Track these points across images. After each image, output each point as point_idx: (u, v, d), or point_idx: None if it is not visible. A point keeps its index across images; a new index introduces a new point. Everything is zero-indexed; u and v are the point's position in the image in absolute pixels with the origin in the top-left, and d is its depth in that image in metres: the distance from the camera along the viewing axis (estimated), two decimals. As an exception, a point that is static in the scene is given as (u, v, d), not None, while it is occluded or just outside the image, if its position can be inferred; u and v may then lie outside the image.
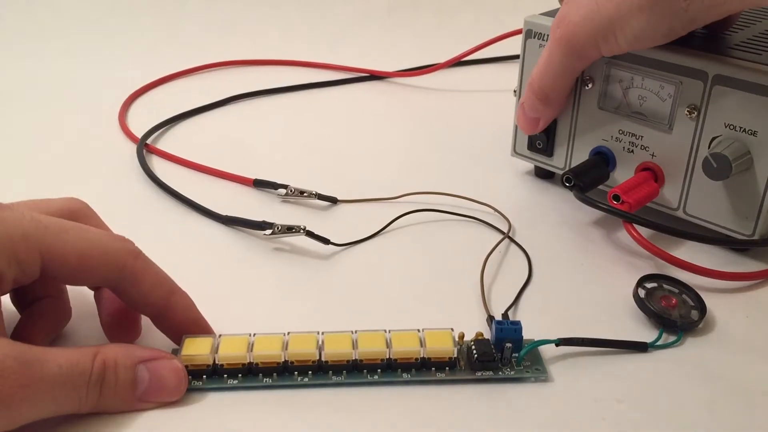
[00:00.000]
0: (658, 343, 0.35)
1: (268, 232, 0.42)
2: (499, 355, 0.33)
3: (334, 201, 0.47)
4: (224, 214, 0.45)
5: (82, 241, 0.27)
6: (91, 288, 0.34)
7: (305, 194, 0.47)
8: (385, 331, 0.33)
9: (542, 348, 0.34)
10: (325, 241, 0.42)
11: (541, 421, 0.30)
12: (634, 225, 0.41)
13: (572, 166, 0.46)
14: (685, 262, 0.39)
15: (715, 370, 0.33)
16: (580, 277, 0.40)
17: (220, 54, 0.74)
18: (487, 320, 0.36)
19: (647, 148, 0.43)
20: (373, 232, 0.44)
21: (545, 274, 0.41)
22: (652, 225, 0.41)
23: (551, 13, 0.47)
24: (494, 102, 0.64)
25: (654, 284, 0.37)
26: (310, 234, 0.42)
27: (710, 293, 0.39)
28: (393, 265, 0.41)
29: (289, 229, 0.42)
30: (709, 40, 0.42)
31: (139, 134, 0.56)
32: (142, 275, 0.30)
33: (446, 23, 0.86)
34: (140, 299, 0.31)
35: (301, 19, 0.87)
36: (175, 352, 0.32)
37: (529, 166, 0.51)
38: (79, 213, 0.32)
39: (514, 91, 0.48)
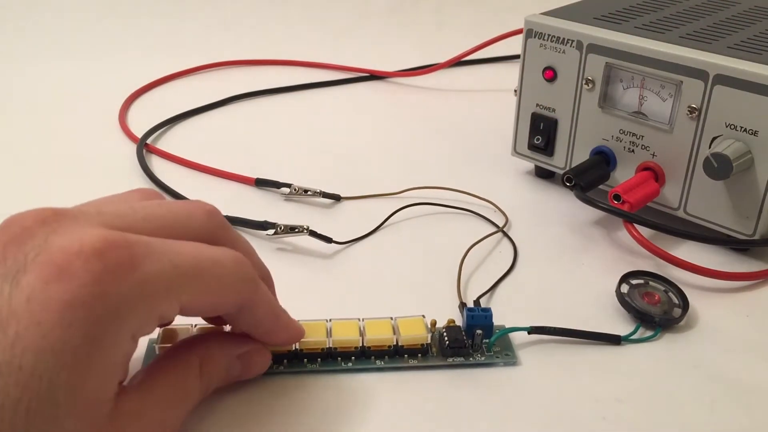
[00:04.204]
0: (633, 337, 0.35)
1: (271, 232, 0.42)
2: (470, 341, 0.33)
3: (337, 198, 0.47)
4: (225, 214, 0.45)
5: (214, 284, 0.27)
6: None
7: (309, 192, 0.47)
8: (359, 319, 0.34)
9: (516, 336, 0.35)
10: (328, 240, 0.42)
11: (509, 404, 0.31)
12: (635, 225, 0.41)
13: (573, 166, 0.46)
14: (685, 262, 0.39)
15: (715, 369, 0.33)
16: (576, 274, 0.40)
17: (220, 54, 0.74)
18: (459, 307, 0.37)
19: (648, 148, 0.43)
20: (372, 229, 0.44)
21: (537, 268, 0.41)
22: (653, 225, 0.41)
23: (551, 13, 0.47)
24: (494, 102, 0.65)
25: (640, 281, 0.38)
26: (313, 233, 0.42)
27: (710, 293, 0.39)
28: (392, 260, 0.42)
29: (292, 229, 0.42)
30: (709, 39, 0.43)
31: (139, 134, 0.56)
32: (258, 307, 0.29)
33: (446, 23, 0.86)
34: (247, 326, 0.30)
35: (301, 19, 0.88)
36: None
37: (530, 165, 0.51)
38: (215, 234, 0.29)
39: (515, 91, 0.49)
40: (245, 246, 0.31)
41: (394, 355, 0.33)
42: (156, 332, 0.31)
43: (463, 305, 0.37)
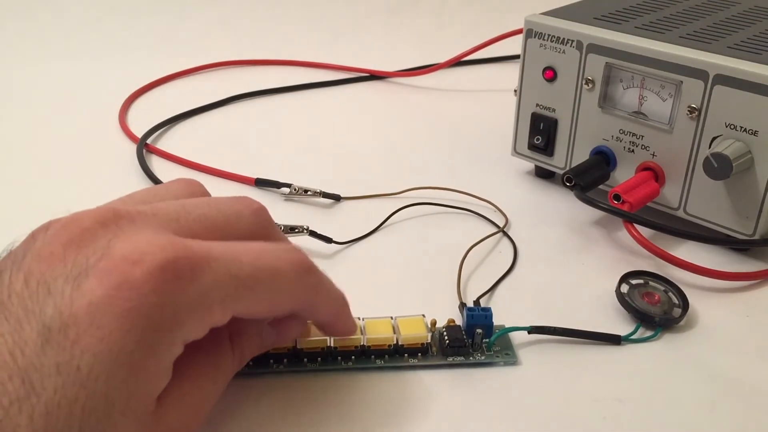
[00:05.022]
0: (633, 337, 0.35)
1: (270, 231, 0.42)
2: (470, 340, 0.33)
3: (337, 198, 0.47)
4: (225, 213, 0.45)
5: (271, 294, 0.27)
6: None
7: (309, 192, 0.47)
8: (359, 319, 0.34)
9: (516, 336, 0.35)
10: (328, 240, 0.42)
11: (509, 403, 0.31)
12: (635, 225, 0.41)
13: (573, 166, 0.46)
14: (685, 262, 0.39)
15: (715, 369, 0.33)
16: (576, 274, 0.40)
17: (220, 54, 0.74)
18: (459, 307, 0.37)
19: (648, 148, 0.43)
20: (372, 229, 0.44)
21: (537, 268, 0.41)
22: (653, 225, 0.41)
23: (551, 13, 0.47)
24: (494, 102, 0.65)
25: (640, 281, 0.38)
26: (313, 234, 0.42)
27: (710, 293, 0.39)
28: (392, 260, 0.42)
29: (292, 229, 0.42)
30: (709, 39, 0.43)
31: (139, 134, 0.56)
32: (318, 307, 0.30)
33: (446, 23, 0.86)
34: (310, 318, 0.31)
35: (301, 19, 0.87)
36: None
37: (530, 165, 0.51)
38: (261, 233, 0.30)
39: (515, 91, 0.49)
40: (290, 244, 0.31)
41: (394, 355, 0.33)
42: None
43: (463, 305, 0.37)
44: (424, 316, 0.34)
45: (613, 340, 0.35)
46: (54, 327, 0.22)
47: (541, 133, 0.48)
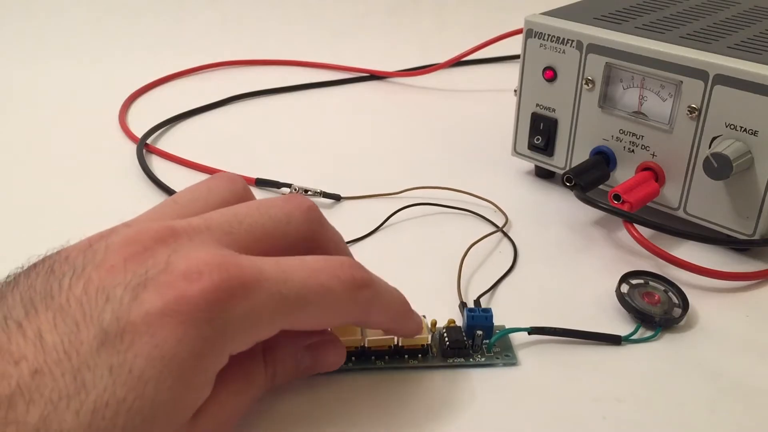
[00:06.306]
0: (634, 337, 0.35)
1: (270, 231, 0.42)
2: (470, 341, 0.33)
3: (337, 198, 0.47)
4: (225, 213, 0.45)
5: (320, 312, 0.28)
6: None
7: (309, 192, 0.47)
8: None
9: (516, 336, 0.35)
10: (327, 241, 0.42)
11: (509, 405, 0.31)
12: (635, 225, 0.41)
13: (573, 166, 0.46)
14: (685, 262, 0.39)
15: (715, 369, 0.33)
16: (576, 274, 0.40)
17: (220, 54, 0.74)
18: (459, 307, 0.37)
19: (648, 148, 0.43)
20: (372, 229, 0.44)
21: (537, 268, 0.41)
22: (653, 225, 0.41)
23: (551, 13, 0.47)
24: (494, 102, 0.65)
25: (640, 281, 0.38)
26: (311, 234, 0.42)
27: (710, 293, 0.39)
28: (392, 260, 0.42)
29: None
30: (709, 39, 0.43)
31: (139, 134, 0.56)
32: (371, 320, 0.30)
33: (446, 23, 0.86)
34: (365, 327, 0.32)
35: (301, 19, 0.88)
36: None
37: (530, 165, 0.51)
38: (314, 232, 0.30)
39: (515, 91, 0.49)
40: (341, 241, 0.32)
41: (395, 356, 0.33)
42: None
43: (463, 305, 0.37)
44: (424, 317, 0.34)
45: (614, 340, 0.35)
46: (111, 331, 0.23)
47: (541, 133, 0.48)
